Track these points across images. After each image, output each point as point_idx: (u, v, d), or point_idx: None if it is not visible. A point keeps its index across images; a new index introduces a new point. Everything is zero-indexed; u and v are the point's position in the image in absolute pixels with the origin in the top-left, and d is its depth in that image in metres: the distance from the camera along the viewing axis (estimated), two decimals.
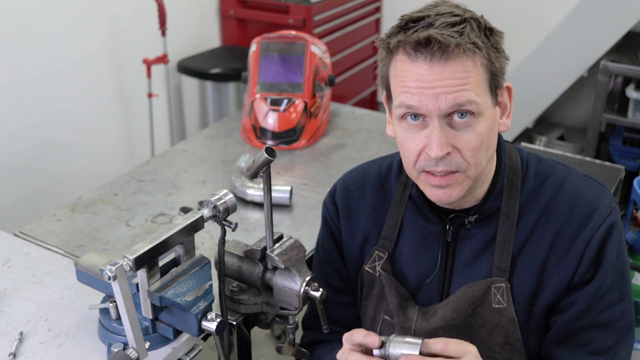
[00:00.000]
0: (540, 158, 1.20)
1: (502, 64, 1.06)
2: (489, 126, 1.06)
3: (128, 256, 1.07)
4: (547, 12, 3.35)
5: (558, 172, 1.17)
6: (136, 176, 1.93)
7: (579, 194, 1.14)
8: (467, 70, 1.01)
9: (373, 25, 4.03)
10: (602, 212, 1.11)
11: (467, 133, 1.04)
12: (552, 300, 1.14)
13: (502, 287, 1.13)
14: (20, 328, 1.28)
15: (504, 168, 1.15)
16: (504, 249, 1.14)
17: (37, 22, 2.66)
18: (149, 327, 1.21)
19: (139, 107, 3.19)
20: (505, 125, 1.11)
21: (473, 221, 1.16)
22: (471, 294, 1.15)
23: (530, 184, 1.16)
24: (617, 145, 3.47)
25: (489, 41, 1.04)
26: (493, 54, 1.04)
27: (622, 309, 1.14)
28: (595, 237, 1.10)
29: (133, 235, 1.65)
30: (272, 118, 2.10)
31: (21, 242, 1.58)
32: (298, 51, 2.20)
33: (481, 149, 1.06)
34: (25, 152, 2.72)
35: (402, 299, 1.21)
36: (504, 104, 1.11)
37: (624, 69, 3.20)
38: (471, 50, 1.01)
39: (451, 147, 1.04)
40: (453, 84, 1.01)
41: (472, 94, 1.02)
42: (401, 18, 1.07)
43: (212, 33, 3.62)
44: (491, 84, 1.05)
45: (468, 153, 1.05)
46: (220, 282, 1.23)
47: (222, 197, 1.19)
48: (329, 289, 1.31)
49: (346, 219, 1.28)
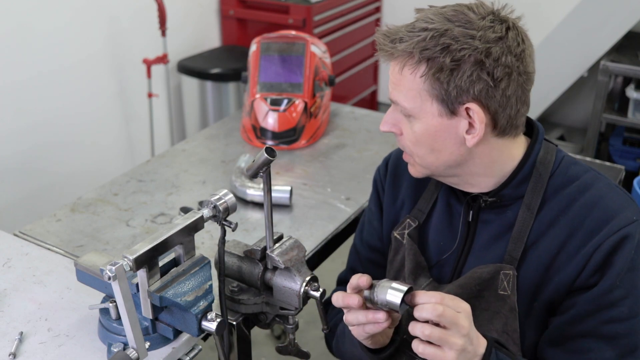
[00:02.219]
0: (575, 162, 1.21)
1: (460, 84, 1.06)
2: (426, 131, 1.12)
3: (128, 256, 1.07)
4: (547, 12, 3.35)
5: (587, 177, 1.18)
6: (136, 176, 1.93)
7: (601, 200, 1.14)
8: (401, 74, 1.11)
9: (373, 25, 4.03)
10: (619, 221, 1.11)
11: (407, 125, 1.15)
12: (553, 298, 1.15)
13: (510, 275, 1.15)
14: (20, 328, 1.28)
15: (532, 160, 1.17)
16: (519, 238, 1.16)
17: (38, 23, 2.66)
18: (149, 327, 1.21)
19: (139, 107, 3.19)
20: (470, 142, 1.11)
21: (488, 201, 1.19)
22: (479, 275, 1.18)
23: (557, 182, 1.17)
24: (617, 145, 3.47)
25: (441, 58, 1.05)
26: (440, 72, 1.06)
27: (629, 327, 1.11)
28: (606, 244, 1.10)
29: (133, 235, 1.65)
30: (272, 118, 2.10)
31: (21, 242, 1.58)
32: (298, 51, 2.20)
33: (419, 146, 1.14)
34: (25, 152, 2.72)
35: (417, 266, 1.26)
36: (470, 122, 1.10)
37: (624, 69, 3.20)
38: (403, 57, 1.09)
39: (396, 129, 1.17)
40: (393, 81, 1.14)
41: (400, 96, 1.12)
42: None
43: (212, 33, 3.62)
44: (440, 97, 1.08)
45: (407, 142, 1.16)
46: (220, 282, 1.23)
47: (222, 197, 1.19)
48: (365, 247, 1.42)
49: (392, 183, 1.37)
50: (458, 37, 1.05)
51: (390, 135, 1.65)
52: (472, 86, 1.06)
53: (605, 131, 3.64)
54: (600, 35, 3.28)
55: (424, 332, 0.98)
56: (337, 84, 3.59)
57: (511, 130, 1.14)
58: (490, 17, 1.08)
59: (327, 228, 1.68)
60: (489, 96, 1.07)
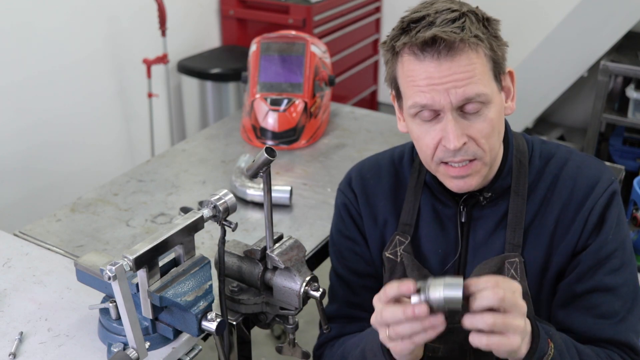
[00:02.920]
0: (543, 140, 1.27)
1: (502, 51, 1.12)
2: (497, 112, 1.12)
3: (128, 256, 1.07)
4: (547, 12, 3.35)
5: (561, 152, 1.24)
6: (136, 176, 1.93)
7: (582, 170, 1.21)
8: (473, 63, 1.06)
9: (373, 25, 4.03)
10: (603, 183, 1.19)
11: (479, 121, 1.10)
12: (560, 269, 1.19)
13: (516, 262, 1.18)
14: (20, 328, 1.28)
15: (512, 149, 1.21)
16: (516, 225, 1.19)
17: (38, 22, 2.66)
18: (149, 327, 1.21)
19: (139, 107, 3.18)
20: (511, 109, 1.17)
21: (488, 198, 1.21)
22: (487, 270, 1.19)
23: (536, 164, 1.22)
24: (617, 145, 3.47)
25: (488, 31, 1.09)
26: (494, 42, 1.10)
27: (625, 276, 1.18)
28: (598, 205, 1.17)
29: (133, 235, 1.64)
30: (272, 118, 2.10)
31: (21, 242, 1.58)
32: (298, 51, 2.20)
33: (493, 134, 1.12)
34: (25, 152, 2.72)
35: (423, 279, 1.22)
36: (507, 88, 1.17)
37: (624, 69, 3.20)
38: (474, 43, 1.06)
39: (466, 137, 1.10)
40: (461, 78, 1.06)
41: (480, 85, 1.07)
42: (402, 20, 1.11)
43: (212, 33, 3.62)
44: (495, 72, 1.11)
45: (482, 140, 1.11)
46: (220, 282, 1.23)
47: (222, 197, 1.19)
48: (355, 276, 1.32)
49: (365, 204, 1.31)
50: (474, 11, 1.09)
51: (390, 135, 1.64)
52: (503, 52, 1.12)
53: (605, 131, 3.64)
54: (600, 35, 3.28)
55: (487, 322, 0.91)
56: (337, 84, 3.59)
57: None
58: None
59: (327, 228, 1.68)
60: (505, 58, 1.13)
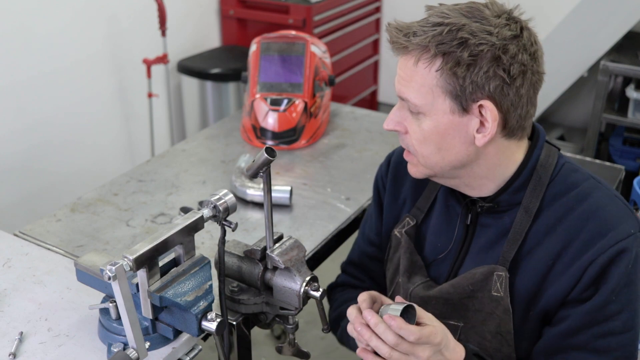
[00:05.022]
0: (576, 169, 1.19)
1: (476, 80, 1.05)
2: (435, 128, 1.10)
3: (128, 256, 1.07)
4: (548, 12, 3.35)
5: (587, 185, 1.15)
6: (136, 176, 1.93)
7: (599, 211, 1.12)
8: (415, 69, 1.08)
9: (373, 25, 4.03)
10: (616, 235, 1.09)
11: (414, 123, 1.12)
12: (548, 308, 1.14)
13: (502, 276, 1.15)
14: (20, 328, 1.28)
15: (531, 166, 1.15)
16: (514, 241, 1.15)
17: (37, 23, 2.66)
18: (149, 327, 1.21)
19: (139, 107, 3.19)
20: (479, 141, 1.09)
21: (485, 207, 1.19)
22: (472, 275, 1.18)
23: (556, 188, 1.15)
24: (617, 145, 3.47)
25: (458, 53, 1.04)
26: (457, 67, 1.04)
27: (622, 341, 1.11)
28: (601, 258, 1.08)
29: (133, 235, 1.65)
30: (272, 118, 2.10)
31: (21, 242, 1.58)
32: (298, 51, 2.20)
33: (425, 144, 1.12)
34: (25, 152, 2.72)
35: (412, 265, 1.28)
36: (482, 120, 1.09)
37: (624, 69, 3.20)
38: (418, 51, 1.07)
39: (401, 127, 1.15)
40: (403, 76, 1.11)
41: (411, 92, 1.09)
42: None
43: (212, 33, 3.62)
44: (452, 92, 1.06)
45: (413, 141, 1.14)
46: (220, 282, 1.23)
47: (222, 197, 1.19)
48: (366, 242, 1.45)
49: (393, 181, 1.37)
50: (475, 32, 1.04)
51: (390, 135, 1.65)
52: (488, 82, 1.05)
53: (605, 131, 3.64)
54: (600, 35, 3.28)
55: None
56: (337, 84, 3.59)
57: (519, 131, 1.12)
58: (505, 16, 1.07)
59: (327, 228, 1.68)
60: (503, 94, 1.06)
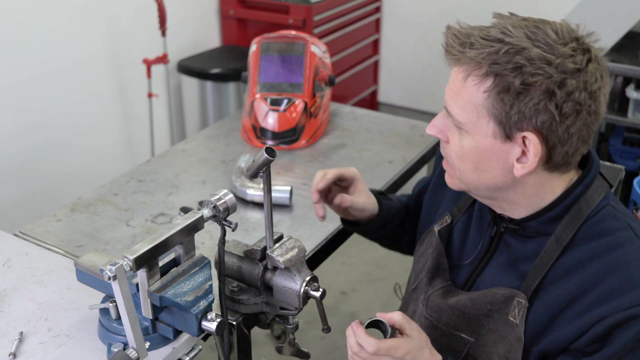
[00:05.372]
0: (616, 215, 1.10)
1: (524, 111, 0.98)
2: (475, 148, 1.06)
3: (128, 256, 1.07)
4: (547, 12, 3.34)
5: (621, 235, 1.08)
6: (136, 176, 1.93)
7: (625, 266, 1.04)
8: (464, 84, 1.03)
9: (373, 25, 4.03)
10: (632, 298, 1.01)
11: (456, 136, 1.08)
12: (549, 350, 1.10)
13: (522, 304, 1.10)
14: (20, 328, 1.28)
15: (573, 198, 1.09)
16: (540, 270, 1.10)
17: (37, 23, 2.66)
18: (149, 327, 1.21)
19: (139, 107, 3.19)
20: (518, 171, 1.04)
21: (508, 228, 1.15)
22: (493, 295, 1.14)
23: (589, 230, 1.08)
24: (617, 145, 3.47)
25: (510, 78, 0.97)
26: (506, 92, 0.98)
27: None
28: (612, 318, 1.01)
29: (133, 235, 1.64)
30: (272, 118, 2.10)
31: (21, 242, 1.58)
32: (298, 51, 2.20)
33: (463, 161, 1.08)
34: (26, 152, 2.72)
35: (438, 267, 1.26)
36: (524, 150, 1.03)
37: (624, 69, 3.20)
38: (470, 66, 1.01)
39: (443, 135, 1.11)
40: (452, 88, 1.06)
41: (456, 107, 1.05)
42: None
43: (212, 33, 3.62)
44: (499, 118, 1.01)
45: (452, 153, 1.10)
46: (220, 282, 1.23)
47: (222, 197, 1.19)
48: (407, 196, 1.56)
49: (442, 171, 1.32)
50: (534, 59, 0.97)
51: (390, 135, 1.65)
52: (536, 115, 0.98)
53: (605, 131, 3.64)
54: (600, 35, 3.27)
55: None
56: (337, 84, 3.59)
57: (563, 167, 1.07)
58: (573, 45, 1.00)
59: (327, 228, 1.68)
60: (551, 130, 1.00)
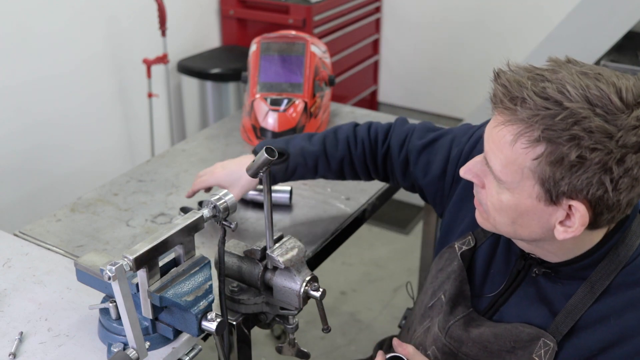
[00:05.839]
0: None
1: (575, 184, 0.92)
2: (515, 206, 0.99)
3: (128, 256, 1.07)
4: (548, 11, 3.35)
5: None
6: (136, 176, 1.93)
7: None
8: (510, 145, 0.94)
9: (373, 25, 4.03)
10: None
11: (494, 187, 1.01)
12: None
13: (550, 346, 1.06)
14: (20, 328, 1.28)
15: (611, 245, 1.04)
16: (571, 316, 1.06)
17: (37, 23, 2.66)
18: (149, 327, 1.21)
19: (139, 107, 3.19)
20: (560, 235, 0.98)
21: (540, 273, 1.11)
22: (519, 332, 1.10)
23: (628, 277, 1.03)
24: None
25: (565, 149, 0.90)
26: (559, 164, 0.91)
27: None
28: None
29: (133, 235, 1.65)
30: (272, 118, 2.10)
31: (21, 242, 1.58)
32: (298, 51, 2.20)
33: (499, 213, 1.02)
34: (26, 153, 2.72)
35: (460, 295, 1.21)
36: (568, 215, 0.97)
37: (624, 69, 3.20)
38: (521, 127, 0.92)
39: (479, 181, 1.05)
40: (495, 141, 0.97)
41: (498, 163, 0.97)
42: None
43: (212, 33, 3.62)
44: (547, 185, 0.94)
45: (488, 203, 1.04)
46: (220, 282, 1.23)
47: (222, 197, 1.19)
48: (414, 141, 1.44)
49: None
50: (594, 131, 0.88)
51: None
52: (588, 188, 0.91)
53: None
54: (600, 35, 3.28)
55: None
56: (337, 84, 3.59)
57: (605, 226, 1.01)
58: (638, 113, 0.91)
59: (327, 228, 1.68)
60: (601, 200, 0.93)
